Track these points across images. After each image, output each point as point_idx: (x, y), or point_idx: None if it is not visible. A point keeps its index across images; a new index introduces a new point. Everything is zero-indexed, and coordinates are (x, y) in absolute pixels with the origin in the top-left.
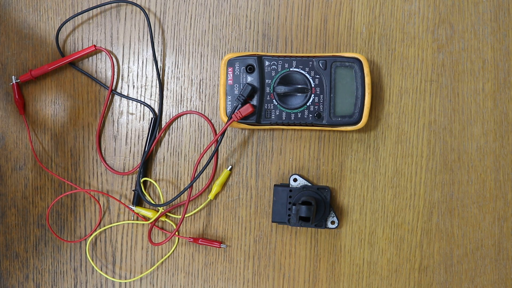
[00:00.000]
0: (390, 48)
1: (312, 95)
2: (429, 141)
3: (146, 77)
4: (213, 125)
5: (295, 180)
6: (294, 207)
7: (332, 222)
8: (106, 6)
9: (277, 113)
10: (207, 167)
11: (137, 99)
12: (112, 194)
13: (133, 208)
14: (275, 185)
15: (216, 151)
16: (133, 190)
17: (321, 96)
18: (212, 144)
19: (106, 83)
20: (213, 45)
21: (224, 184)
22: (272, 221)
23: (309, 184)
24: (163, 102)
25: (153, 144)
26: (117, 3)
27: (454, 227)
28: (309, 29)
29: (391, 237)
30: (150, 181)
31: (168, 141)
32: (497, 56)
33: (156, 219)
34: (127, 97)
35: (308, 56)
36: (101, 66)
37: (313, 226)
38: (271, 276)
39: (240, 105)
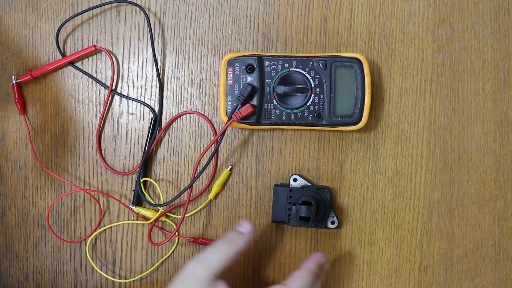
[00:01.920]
0: (390, 48)
1: (312, 95)
2: (429, 141)
3: (146, 77)
4: (213, 125)
5: (295, 180)
6: (294, 207)
7: (332, 222)
8: (106, 6)
9: (277, 113)
10: (207, 167)
11: (137, 99)
12: (112, 194)
13: (133, 208)
14: (275, 185)
15: (216, 151)
16: (133, 190)
17: (321, 96)
18: (212, 144)
19: (106, 83)
20: (213, 45)
21: (224, 184)
22: (272, 221)
23: (309, 184)
24: (163, 102)
25: (153, 144)
26: (117, 3)
27: (454, 227)
28: (309, 29)
29: (391, 237)
30: (150, 181)
31: (168, 141)
32: (497, 56)
33: (156, 219)
34: (127, 97)
35: (308, 56)
36: (101, 66)
37: (313, 226)
38: (271, 276)
39: (240, 105)
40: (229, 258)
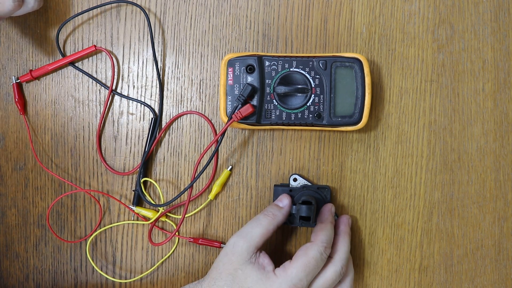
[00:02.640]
0: (390, 48)
1: (312, 95)
2: (429, 141)
3: (146, 77)
4: (213, 125)
5: (295, 180)
6: (294, 206)
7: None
8: (106, 6)
9: (277, 113)
10: (207, 167)
11: (137, 99)
12: (112, 194)
13: (133, 208)
14: (275, 185)
15: (216, 151)
16: (133, 190)
17: (321, 96)
18: (212, 144)
19: (106, 83)
20: (213, 45)
21: (224, 184)
22: None
23: (309, 184)
24: (163, 102)
25: (153, 144)
26: (117, 3)
27: (454, 227)
28: (309, 29)
29: (391, 237)
30: (150, 181)
31: (168, 141)
32: (497, 56)
33: (156, 219)
34: (127, 97)
35: (308, 56)
36: (101, 66)
37: (313, 226)
38: None
39: (240, 105)
40: (269, 231)
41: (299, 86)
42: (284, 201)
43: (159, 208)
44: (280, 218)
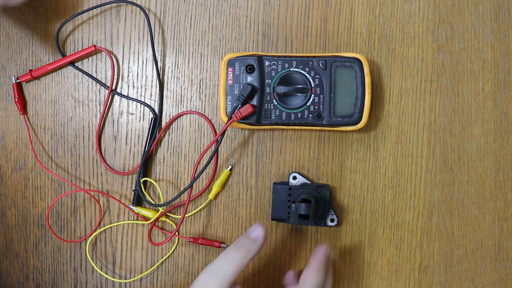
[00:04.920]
0: (390, 48)
1: (312, 95)
2: (429, 141)
3: (146, 77)
4: (213, 125)
5: (294, 178)
6: (293, 204)
7: (332, 220)
8: (106, 6)
9: (277, 113)
10: (207, 167)
11: (137, 99)
12: (112, 194)
13: (133, 208)
14: (274, 183)
15: (216, 151)
16: (133, 190)
17: (321, 96)
18: (212, 144)
19: (106, 83)
20: (213, 45)
21: (224, 184)
22: (272, 219)
23: (309, 182)
24: (163, 102)
25: (153, 144)
26: (117, 3)
27: (454, 227)
28: (309, 29)
29: (391, 237)
30: (150, 181)
31: (168, 141)
32: (497, 56)
33: (156, 219)
34: (127, 97)
35: (308, 56)
36: (101, 66)
37: (312, 224)
38: (271, 276)
39: (240, 105)
40: (242, 267)
41: (299, 86)
42: (258, 231)
43: (159, 208)
44: (255, 252)
